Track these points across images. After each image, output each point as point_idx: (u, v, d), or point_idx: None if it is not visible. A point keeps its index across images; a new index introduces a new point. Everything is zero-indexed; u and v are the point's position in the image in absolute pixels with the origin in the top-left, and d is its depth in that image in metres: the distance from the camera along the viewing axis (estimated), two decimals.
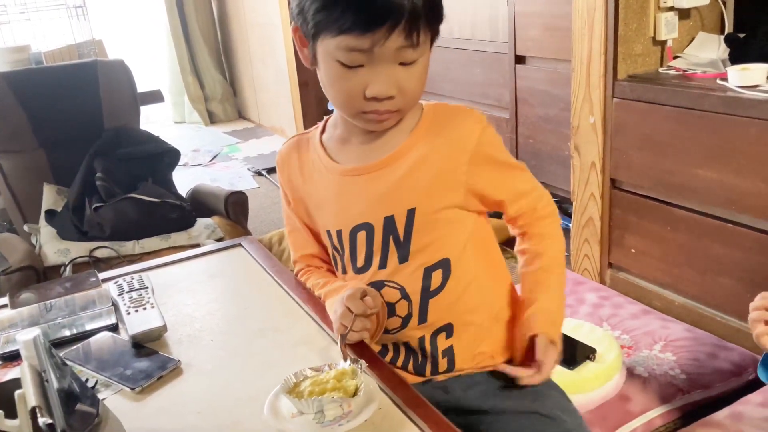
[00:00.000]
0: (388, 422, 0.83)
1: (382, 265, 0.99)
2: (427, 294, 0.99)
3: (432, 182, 0.96)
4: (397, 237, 0.97)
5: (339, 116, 1.02)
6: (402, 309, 1.00)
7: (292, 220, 1.12)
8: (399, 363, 1.05)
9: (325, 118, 1.08)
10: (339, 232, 1.02)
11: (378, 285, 1.00)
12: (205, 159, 4.52)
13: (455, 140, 0.97)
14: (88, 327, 1.12)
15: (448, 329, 1.01)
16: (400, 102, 0.90)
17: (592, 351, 1.57)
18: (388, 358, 1.05)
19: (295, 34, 0.94)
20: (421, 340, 1.01)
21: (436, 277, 0.99)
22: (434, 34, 0.91)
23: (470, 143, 0.96)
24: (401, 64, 0.88)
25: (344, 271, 1.06)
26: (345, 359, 0.89)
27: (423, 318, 1.00)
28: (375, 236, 0.98)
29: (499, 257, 1.09)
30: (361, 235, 0.99)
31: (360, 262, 1.01)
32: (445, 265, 0.98)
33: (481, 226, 1.04)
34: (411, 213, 0.96)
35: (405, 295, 0.99)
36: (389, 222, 0.97)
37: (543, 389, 1.01)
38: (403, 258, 0.98)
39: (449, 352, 1.02)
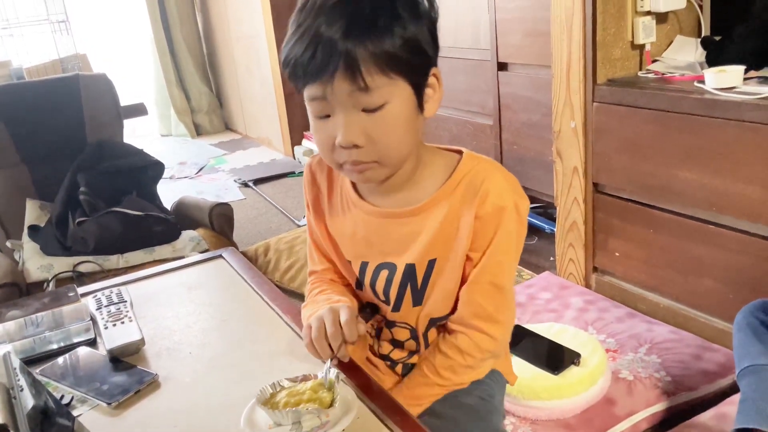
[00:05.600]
0: (366, 431, 0.83)
1: (396, 307, 1.02)
2: (432, 324, 1.04)
3: (457, 245, 0.96)
4: (415, 284, 1.00)
5: None
6: (411, 345, 1.06)
7: (312, 232, 1.10)
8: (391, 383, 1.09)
9: None
10: (365, 264, 1.03)
11: (390, 324, 1.05)
12: (192, 171, 4.50)
13: (485, 209, 0.93)
14: (67, 342, 1.11)
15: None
16: (372, 153, 0.86)
17: (577, 356, 1.57)
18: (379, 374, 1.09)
19: None
20: (423, 359, 1.06)
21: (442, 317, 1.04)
22: (406, 74, 0.84)
23: (496, 215, 0.93)
24: (364, 110, 0.84)
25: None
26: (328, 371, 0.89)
27: (426, 345, 1.05)
28: (395, 278, 1.00)
29: None
30: (384, 273, 1.01)
31: (380, 297, 1.04)
32: (452, 312, 1.02)
33: None
34: (431, 263, 0.98)
35: (414, 336, 1.05)
36: (410, 269, 0.99)
37: (486, 411, 1.02)
38: (417, 302, 1.01)
39: None
